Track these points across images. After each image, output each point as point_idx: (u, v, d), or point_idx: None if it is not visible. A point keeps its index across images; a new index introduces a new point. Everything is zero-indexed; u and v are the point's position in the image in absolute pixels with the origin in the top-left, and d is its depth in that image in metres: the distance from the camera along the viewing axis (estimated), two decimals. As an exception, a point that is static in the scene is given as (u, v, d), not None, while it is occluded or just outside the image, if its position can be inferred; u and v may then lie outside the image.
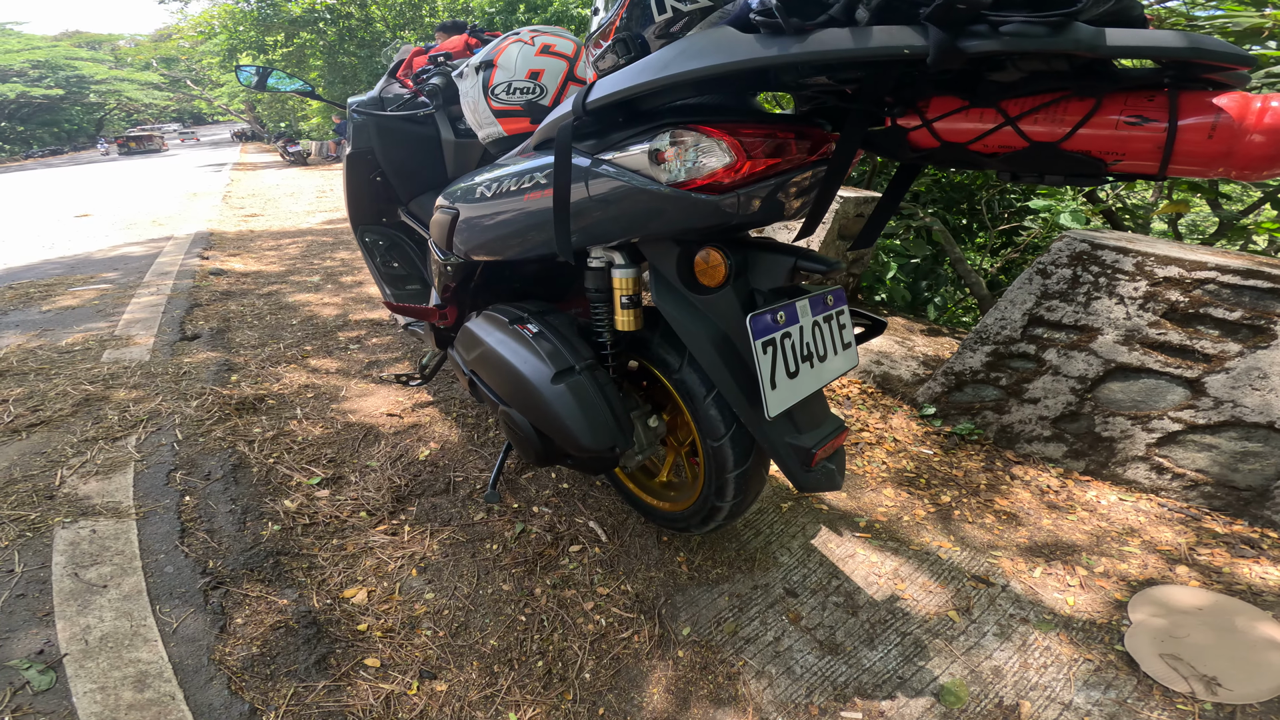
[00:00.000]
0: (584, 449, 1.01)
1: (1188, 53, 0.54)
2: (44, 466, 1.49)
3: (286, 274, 3.69)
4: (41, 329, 2.64)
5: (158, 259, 4.11)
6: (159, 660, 1.01)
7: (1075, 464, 1.72)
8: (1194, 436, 1.55)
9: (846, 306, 1.06)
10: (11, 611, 1.12)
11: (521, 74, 1.30)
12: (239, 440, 1.68)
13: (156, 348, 2.36)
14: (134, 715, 0.93)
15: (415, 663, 1.06)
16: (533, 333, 1.11)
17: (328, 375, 2.17)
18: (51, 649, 1.05)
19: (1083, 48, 0.54)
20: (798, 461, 0.97)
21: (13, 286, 3.48)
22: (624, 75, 0.81)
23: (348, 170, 2.01)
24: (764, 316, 0.89)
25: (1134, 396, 1.63)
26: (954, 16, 0.56)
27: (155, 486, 1.44)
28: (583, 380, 1.04)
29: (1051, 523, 1.49)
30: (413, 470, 1.62)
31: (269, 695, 0.98)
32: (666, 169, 0.84)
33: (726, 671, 1.10)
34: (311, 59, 16.37)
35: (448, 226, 1.26)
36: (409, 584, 1.25)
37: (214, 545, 1.26)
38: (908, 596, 1.25)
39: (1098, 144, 0.63)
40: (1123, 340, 1.64)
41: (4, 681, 1.00)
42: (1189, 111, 0.58)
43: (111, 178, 12.84)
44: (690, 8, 0.83)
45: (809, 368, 0.96)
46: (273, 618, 1.09)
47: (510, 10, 10.50)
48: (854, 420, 1.98)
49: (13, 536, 1.27)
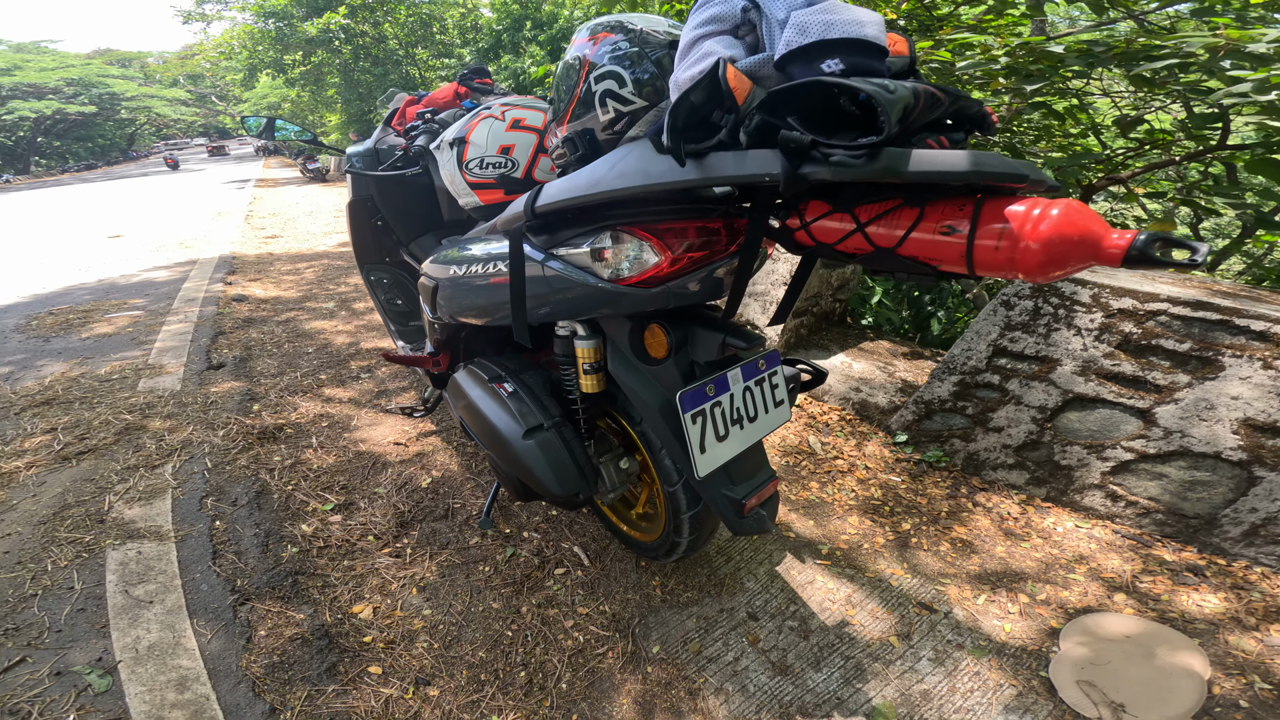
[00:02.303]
0: (553, 495, 1.16)
1: (970, 175, 0.63)
2: (94, 492, 1.68)
3: (303, 300, 3.91)
4: (82, 357, 2.86)
5: (184, 284, 4.36)
6: (196, 666, 1.18)
7: (1037, 490, 1.82)
8: (1145, 465, 1.64)
9: (780, 367, 1.20)
10: (74, 624, 1.30)
11: (493, 150, 1.40)
12: (261, 468, 1.86)
13: (186, 377, 2.56)
14: (176, 713, 1.09)
15: (412, 671, 1.22)
16: (508, 391, 1.25)
17: (340, 405, 2.35)
18: (108, 656, 1.22)
19: (889, 175, 0.64)
20: (731, 511, 1.11)
21: (53, 312, 3.73)
22: (566, 185, 0.97)
23: (350, 216, 2.18)
24: (696, 391, 1.02)
25: (1090, 426, 1.73)
26: (794, 148, 0.68)
27: (190, 512, 1.62)
28: (551, 437, 1.18)
29: (1005, 550, 1.61)
30: (415, 497, 1.78)
31: (286, 697, 1.13)
32: (607, 266, 0.99)
33: (689, 687, 1.23)
34: (329, 76, 16.89)
35: (431, 294, 1.41)
36: (409, 601, 1.40)
37: (241, 565, 1.43)
38: (856, 622, 1.38)
39: (923, 250, 0.73)
40: (1080, 371, 1.73)
41: (70, 684, 1.17)
42: (985, 221, 0.66)
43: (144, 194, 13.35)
44: (630, 108, 0.99)
45: (739, 429, 1.10)
46: (291, 630, 1.25)
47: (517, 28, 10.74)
48: (830, 447, 2.11)
49: (71, 557, 1.45)
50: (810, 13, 0.75)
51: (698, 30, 0.88)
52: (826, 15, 0.74)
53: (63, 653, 1.24)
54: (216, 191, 12.91)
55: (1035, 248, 0.61)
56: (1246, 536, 1.51)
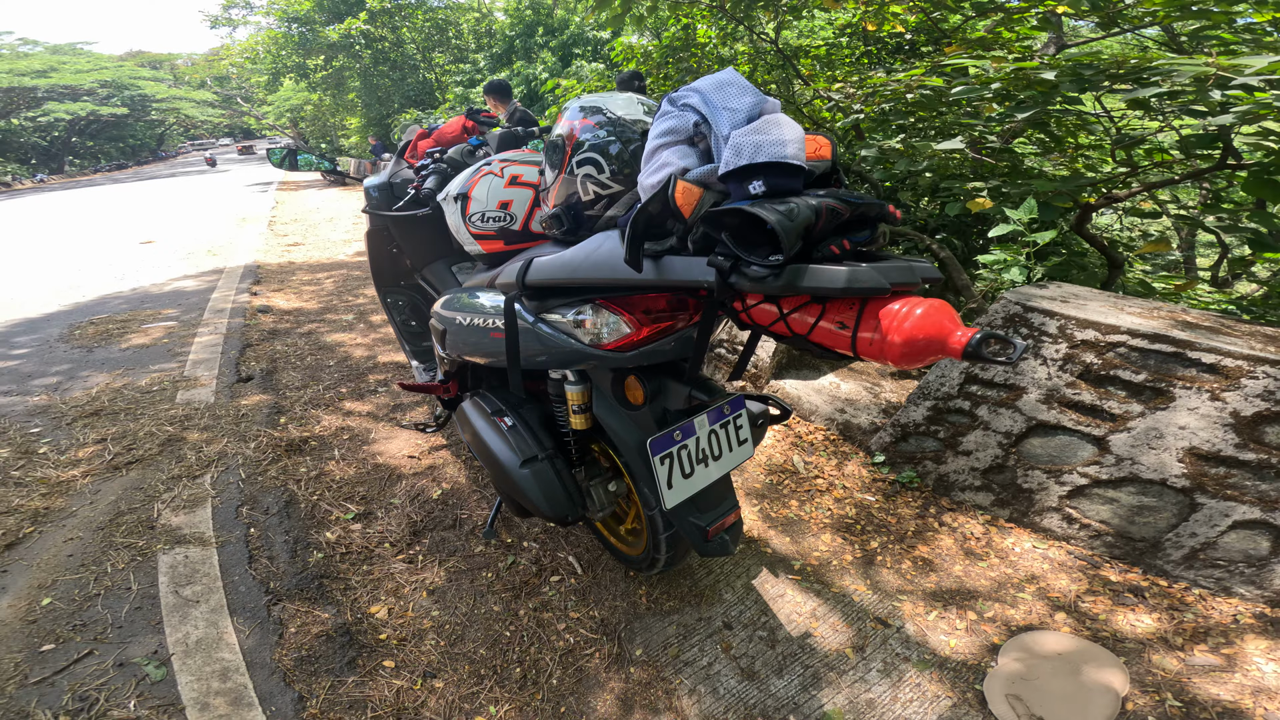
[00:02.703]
0: (545, 517, 1.34)
1: (845, 291, 0.78)
2: (143, 500, 1.88)
3: (323, 312, 4.13)
4: (124, 368, 3.10)
5: (213, 294, 4.60)
6: (237, 659, 1.37)
7: (1001, 511, 1.94)
8: (1099, 490, 1.74)
9: (744, 410, 1.34)
10: (132, 621, 1.50)
11: (493, 205, 1.53)
12: (289, 479, 2.05)
13: (218, 389, 2.77)
14: (219, 699, 1.28)
15: (421, 665, 1.39)
16: (508, 425, 1.42)
17: (359, 418, 2.55)
18: (162, 650, 1.41)
19: (789, 290, 0.81)
20: (697, 536, 1.28)
21: (93, 322, 3.99)
22: (550, 265, 1.15)
23: (369, 244, 2.35)
24: (664, 436, 1.18)
25: (1050, 452, 1.84)
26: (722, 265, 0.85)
27: (228, 519, 1.81)
28: (544, 467, 1.34)
29: (962, 569, 1.74)
30: (427, 508, 1.96)
31: (313, 686, 1.31)
32: (587, 333, 1.16)
33: (665, 688, 1.39)
34: (350, 80, 17.31)
35: (441, 335, 1.58)
36: (420, 603, 1.58)
37: (273, 569, 1.62)
38: (818, 634, 1.52)
39: (824, 338, 0.88)
40: (1044, 399, 1.84)
41: (130, 674, 1.36)
42: (865, 319, 0.81)
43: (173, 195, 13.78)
44: (608, 191, 1.17)
45: (704, 467, 1.25)
46: (316, 628, 1.43)
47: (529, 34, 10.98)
48: (812, 466, 2.25)
49: (127, 560, 1.65)
50: (745, 134, 0.90)
51: (656, 140, 1.03)
52: (757, 137, 0.89)
53: (124, 646, 1.44)
54: (241, 195, 13.28)
55: (896, 344, 0.77)
56: (1187, 560, 1.63)
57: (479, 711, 1.29)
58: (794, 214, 0.79)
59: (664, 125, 1.03)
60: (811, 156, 0.95)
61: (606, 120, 1.18)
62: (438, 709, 1.28)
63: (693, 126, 1.00)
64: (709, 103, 0.98)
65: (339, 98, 18.61)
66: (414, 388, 1.91)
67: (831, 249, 0.86)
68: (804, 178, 0.90)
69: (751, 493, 2.09)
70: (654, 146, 1.03)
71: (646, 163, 1.04)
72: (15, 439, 2.29)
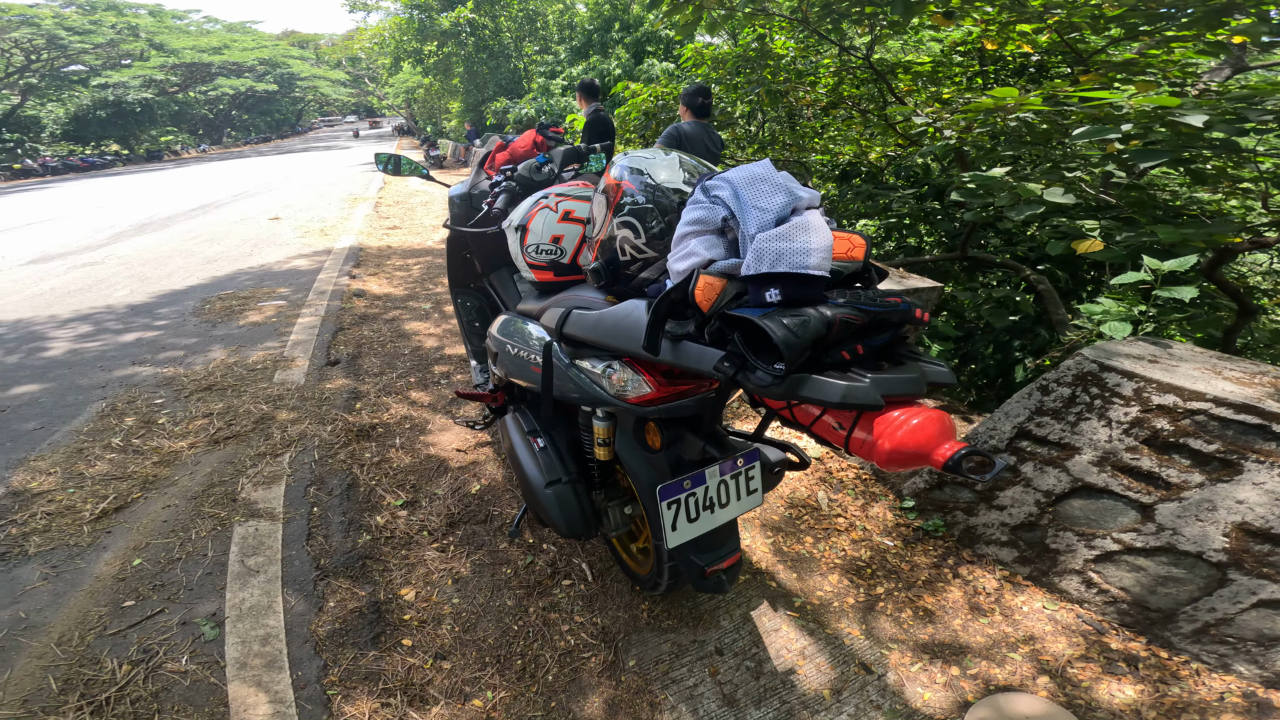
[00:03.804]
0: (560, 534, 1.48)
1: (839, 404, 0.84)
2: (232, 474, 2.23)
3: (407, 299, 4.53)
4: (238, 344, 3.61)
5: (319, 275, 5.17)
6: (279, 626, 1.62)
7: (1021, 569, 1.87)
8: (1128, 557, 1.67)
9: (758, 463, 1.38)
10: (203, 584, 1.80)
11: (546, 239, 1.66)
12: (354, 463, 2.35)
13: (309, 371, 3.17)
14: (256, 660, 1.53)
15: (434, 646, 1.58)
16: (540, 446, 1.57)
17: (421, 409, 2.83)
18: (220, 613, 1.68)
19: (788, 397, 0.88)
20: (694, 572, 1.37)
21: (221, 297, 4.62)
22: (586, 323, 1.27)
23: (448, 246, 2.59)
24: (675, 484, 1.26)
25: (1089, 514, 1.76)
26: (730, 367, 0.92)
27: (297, 497, 2.12)
28: (566, 490, 1.48)
29: (961, 623, 1.70)
30: (465, 501, 2.17)
31: (337, 656, 1.54)
32: (612, 385, 1.26)
33: (650, 700, 1.49)
34: (455, 66, 18.39)
35: (494, 355, 1.75)
36: (444, 590, 1.79)
37: (326, 547, 1.89)
38: (802, 672, 1.56)
39: (823, 431, 0.97)
40: (1097, 461, 1.74)
41: (190, 632, 1.64)
42: (860, 423, 0.89)
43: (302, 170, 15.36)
44: (643, 256, 1.26)
45: (709, 514, 1.32)
46: (352, 604, 1.67)
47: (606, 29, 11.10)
48: (836, 504, 2.24)
49: (209, 529, 1.98)
50: (769, 239, 0.94)
51: (685, 228, 1.09)
52: (780, 244, 0.93)
53: (190, 606, 1.73)
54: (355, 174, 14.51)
55: (883, 451, 0.85)
56: (1196, 634, 1.54)
57: (477, 695, 1.46)
58: (804, 327, 0.85)
59: (694, 214, 1.08)
60: (842, 257, 0.98)
61: (646, 186, 1.26)
62: (441, 688, 1.47)
63: (721, 221, 1.04)
64: (739, 198, 1.02)
65: (445, 83, 19.88)
66: (468, 395, 2.12)
67: (842, 354, 0.91)
68: (825, 283, 0.94)
69: (768, 524, 2.12)
70: (682, 233, 1.09)
71: (675, 245, 1.11)
72: (141, 409, 2.76)
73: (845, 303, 0.91)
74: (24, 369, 3.22)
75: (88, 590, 1.79)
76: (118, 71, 30.79)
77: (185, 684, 1.50)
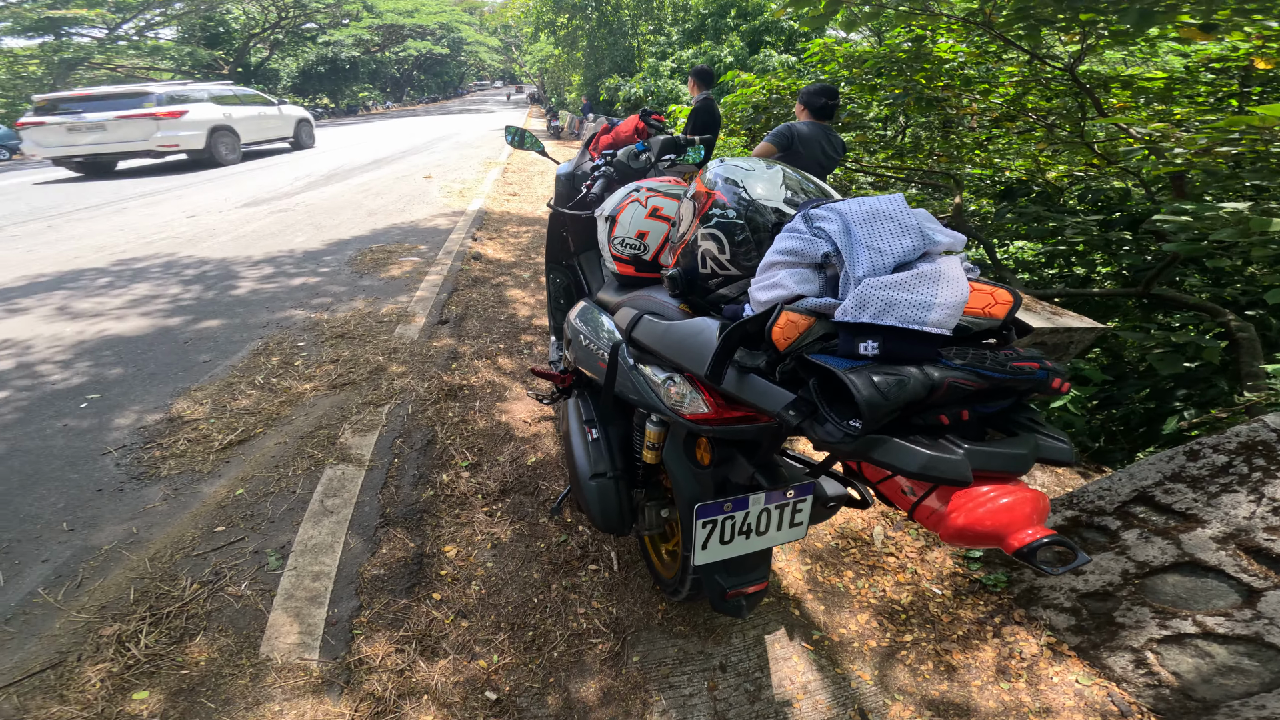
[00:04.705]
0: (595, 525, 1.54)
1: (918, 474, 0.77)
2: (338, 419, 2.62)
3: (513, 266, 4.83)
4: (376, 296, 4.14)
5: (450, 236, 5.69)
6: (333, 565, 1.80)
7: (1071, 638, 1.69)
8: (1201, 641, 1.48)
9: (810, 497, 1.27)
10: (282, 519, 2.00)
11: (632, 233, 1.66)
12: (438, 421, 2.63)
13: (424, 328, 3.56)
14: (302, 592, 1.70)
15: (459, 604, 1.77)
16: (593, 437, 1.61)
17: (504, 375, 3.06)
18: (288, 547, 1.87)
19: (855, 456, 0.81)
20: (715, 592, 1.37)
21: (372, 250, 5.28)
22: (655, 333, 1.27)
23: (549, 222, 2.73)
24: (714, 505, 1.21)
25: (1181, 592, 1.54)
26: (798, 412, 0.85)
27: (384, 448, 2.44)
28: (609, 484, 1.52)
29: (980, 684, 1.55)
30: (519, 471, 2.35)
31: (373, 600, 1.75)
32: (671, 398, 1.23)
33: (644, 699, 1.55)
34: (580, 40, 18.94)
35: (568, 341, 1.82)
36: (482, 552, 1.98)
37: (395, 497, 2.17)
38: (798, 707, 1.52)
39: (890, 492, 0.91)
40: (1221, 538, 1.50)
41: (258, 561, 1.82)
42: (939, 492, 0.82)
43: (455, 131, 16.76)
44: (724, 273, 1.22)
45: (744, 539, 1.26)
46: (400, 553, 1.92)
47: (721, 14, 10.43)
48: (891, 542, 2.08)
49: (305, 468, 2.28)
50: (878, 286, 0.82)
51: (776, 256, 0.99)
52: (894, 293, 0.81)
53: (267, 538, 1.92)
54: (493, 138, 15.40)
55: (952, 528, 0.79)
56: None
57: (484, 656, 1.62)
58: (899, 389, 0.76)
59: (789, 243, 0.98)
60: (977, 313, 0.85)
61: (740, 199, 1.19)
62: (453, 643, 1.65)
63: (820, 256, 0.93)
64: (851, 234, 0.89)
65: (570, 55, 20.50)
66: (541, 373, 2.26)
67: (940, 419, 0.83)
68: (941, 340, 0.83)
69: (809, 550, 2.03)
70: (771, 260, 1.00)
71: (761, 272, 1.02)
72: (285, 350, 3.27)
73: (962, 365, 0.80)
74: (215, 305, 3.95)
75: (193, 513, 2.04)
76: (338, 30, 35.35)
77: (236, 607, 1.69)
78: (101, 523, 1.99)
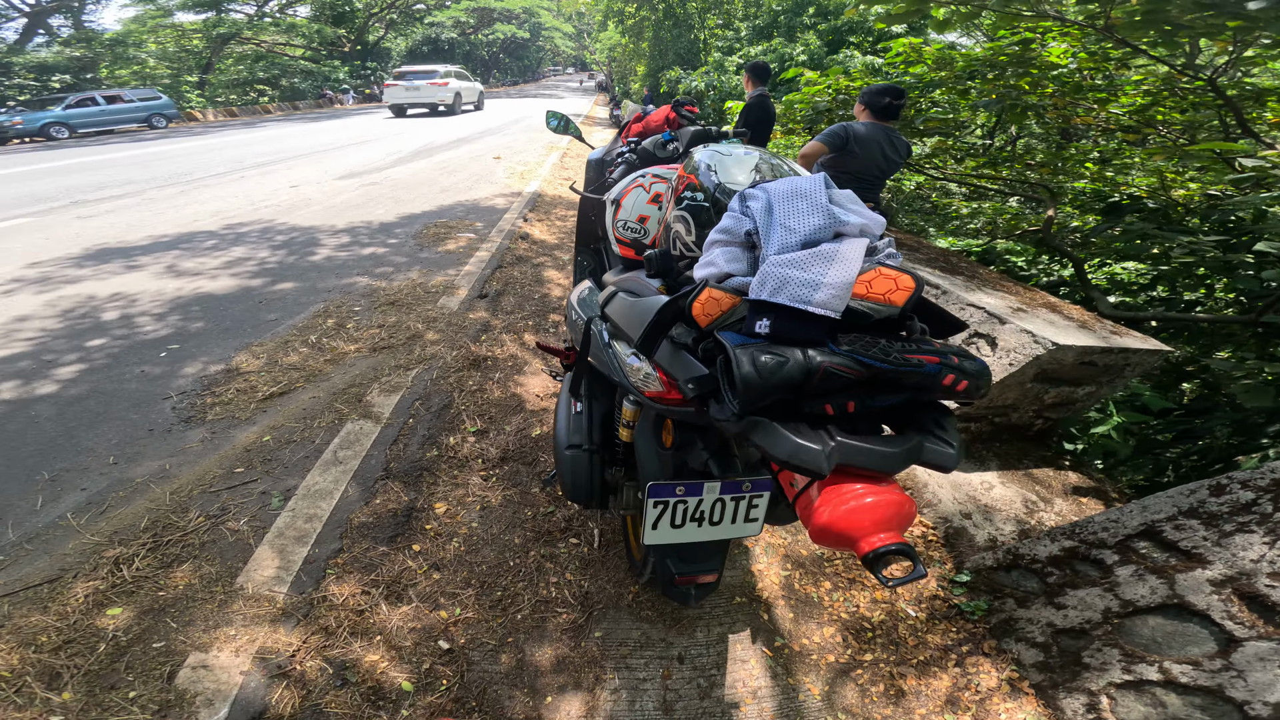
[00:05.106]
0: (567, 496, 1.56)
1: (786, 464, 0.79)
2: (370, 379, 2.81)
3: (555, 248, 4.93)
4: (431, 268, 4.37)
5: (504, 215, 5.90)
6: (327, 510, 1.91)
7: (1034, 674, 1.59)
8: (1160, 690, 1.39)
9: (768, 494, 1.24)
10: (296, 465, 2.14)
11: (634, 218, 1.68)
12: (457, 388, 2.77)
13: (464, 301, 3.74)
14: (291, 532, 1.81)
15: (435, 557, 1.85)
16: (576, 410, 1.64)
17: (526, 350, 3.17)
18: (292, 490, 2.00)
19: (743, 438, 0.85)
20: (666, 576, 1.38)
21: (436, 225, 5.56)
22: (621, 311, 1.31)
23: (579, 206, 2.80)
24: (667, 486, 1.20)
25: (1158, 635, 1.44)
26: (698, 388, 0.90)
27: (403, 408, 2.60)
28: (582, 456, 1.54)
29: (924, 714, 1.49)
30: (522, 442, 2.44)
31: (354, 545, 1.84)
32: (633, 374, 1.25)
33: (597, 675, 1.57)
34: (646, 31, 18.95)
35: (566, 316, 1.86)
36: (470, 513, 2.07)
37: (401, 453, 2.32)
38: (744, 710, 1.50)
39: (784, 483, 0.95)
40: (1220, 581, 1.38)
41: (261, 501, 1.95)
42: (818, 485, 0.83)
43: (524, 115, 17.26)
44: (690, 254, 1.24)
45: (696, 526, 1.25)
46: (392, 505, 2.04)
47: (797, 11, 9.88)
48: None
49: (329, 422, 2.45)
50: (778, 264, 0.85)
51: (714, 234, 1.03)
52: (789, 271, 0.83)
53: (277, 481, 2.05)
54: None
55: (814, 525, 0.81)
56: None
57: (446, 608, 1.71)
58: (776, 369, 0.77)
59: (725, 222, 1.02)
60: (875, 298, 0.84)
61: (711, 182, 1.21)
62: (420, 592, 1.74)
63: (744, 235, 0.97)
64: (771, 213, 0.93)
65: (636, 46, 20.48)
66: (545, 348, 2.34)
67: (825, 408, 0.82)
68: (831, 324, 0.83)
69: (792, 557, 1.99)
70: (711, 239, 1.04)
71: (704, 250, 1.06)
72: (342, 313, 3.54)
73: (846, 351, 0.79)
74: (293, 269, 4.32)
75: (221, 455, 2.20)
76: (442, 12, 37.22)
77: (230, 540, 1.80)
78: (142, 459, 2.24)
